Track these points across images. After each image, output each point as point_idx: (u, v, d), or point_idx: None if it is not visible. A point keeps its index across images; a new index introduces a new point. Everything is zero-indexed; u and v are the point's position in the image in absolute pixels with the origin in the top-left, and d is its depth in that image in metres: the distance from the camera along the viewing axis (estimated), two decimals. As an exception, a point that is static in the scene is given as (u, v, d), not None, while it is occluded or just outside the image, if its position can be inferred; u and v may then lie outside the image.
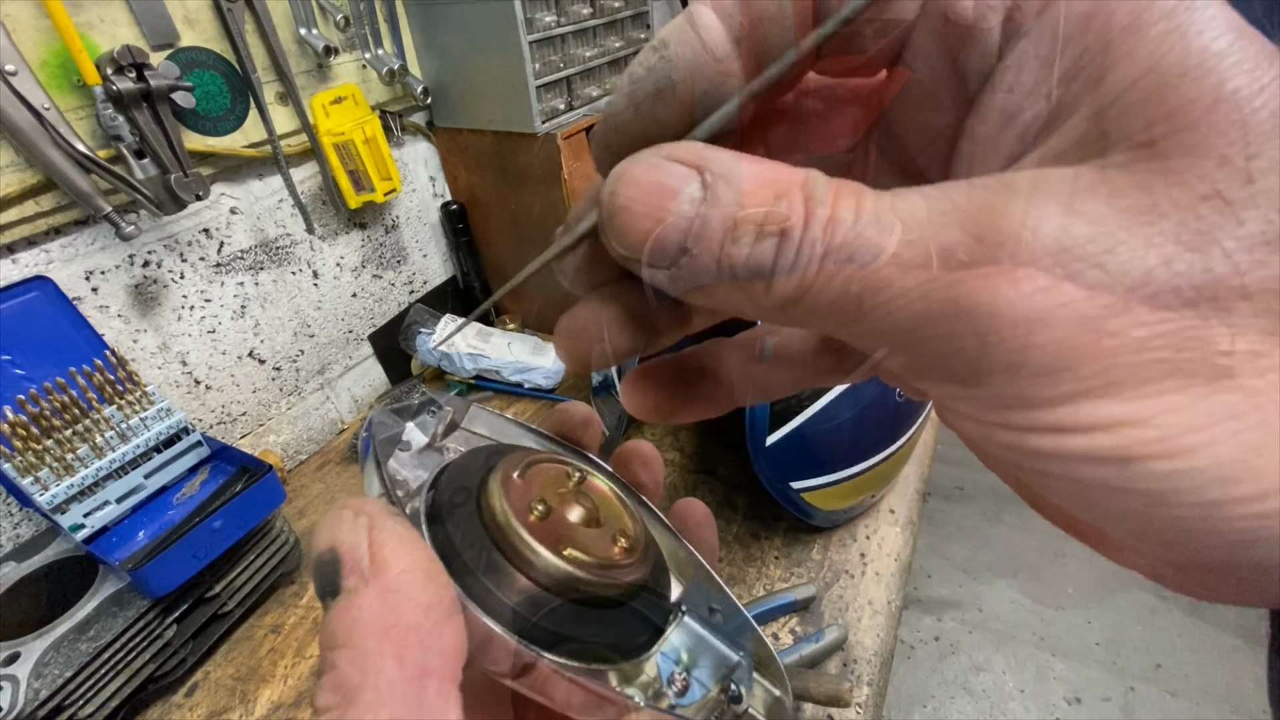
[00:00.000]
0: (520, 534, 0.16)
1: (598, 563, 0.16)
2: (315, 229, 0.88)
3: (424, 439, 0.20)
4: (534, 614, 0.15)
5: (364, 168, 0.85)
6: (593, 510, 0.18)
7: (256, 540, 0.68)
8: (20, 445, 0.56)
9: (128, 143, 0.63)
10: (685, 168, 0.12)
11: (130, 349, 0.73)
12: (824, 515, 0.69)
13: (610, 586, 0.16)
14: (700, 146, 0.12)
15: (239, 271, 0.81)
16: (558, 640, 0.15)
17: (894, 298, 0.11)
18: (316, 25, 0.79)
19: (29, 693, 0.51)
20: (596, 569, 0.16)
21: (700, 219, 0.12)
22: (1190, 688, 1.39)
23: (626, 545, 0.17)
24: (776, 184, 0.12)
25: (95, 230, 0.67)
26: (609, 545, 0.17)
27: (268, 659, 0.65)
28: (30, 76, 0.57)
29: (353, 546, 0.12)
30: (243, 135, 0.76)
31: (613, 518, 0.18)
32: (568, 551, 0.16)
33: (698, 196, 0.12)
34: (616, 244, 0.13)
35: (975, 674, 1.46)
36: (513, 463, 0.18)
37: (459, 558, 0.16)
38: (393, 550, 0.12)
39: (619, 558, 0.17)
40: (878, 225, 0.11)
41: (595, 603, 0.16)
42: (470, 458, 0.19)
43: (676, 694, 0.16)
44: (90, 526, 0.60)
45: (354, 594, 0.11)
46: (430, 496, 0.18)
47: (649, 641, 0.17)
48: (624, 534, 0.18)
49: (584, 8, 0.94)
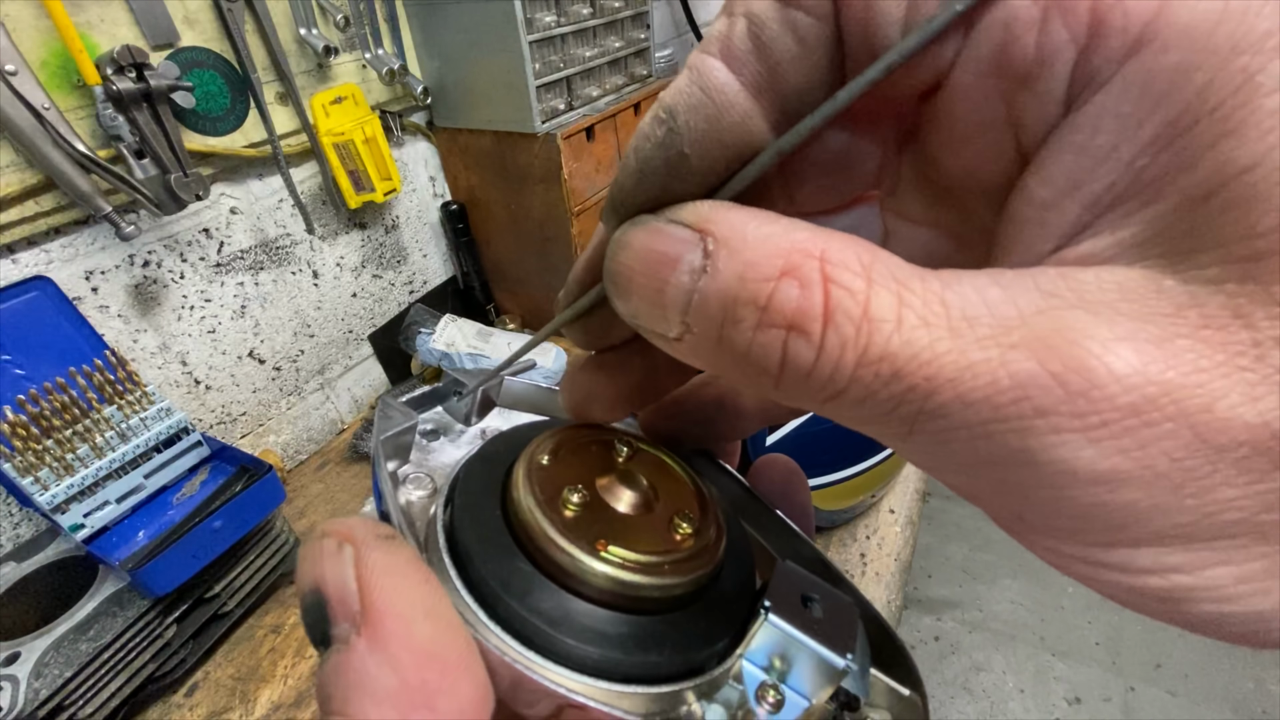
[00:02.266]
0: (549, 535, 0.13)
1: (648, 561, 0.13)
2: (315, 229, 0.88)
3: (458, 424, 0.18)
4: (576, 635, 0.12)
5: (364, 168, 0.85)
6: (645, 491, 0.15)
7: (256, 540, 0.68)
8: (20, 445, 0.56)
9: (128, 143, 0.63)
10: (688, 231, 0.11)
11: (130, 349, 0.73)
12: (824, 515, 0.69)
13: (669, 587, 0.13)
14: (709, 206, 0.11)
15: (239, 271, 0.81)
16: (608, 665, 0.12)
17: (951, 429, 0.09)
18: (316, 25, 0.79)
19: (29, 693, 0.51)
20: (647, 569, 0.13)
21: (700, 294, 0.11)
22: (1190, 688, 1.39)
23: (689, 530, 0.14)
24: (789, 255, 0.10)
25: (95, 230, 0.67)
26: (666, 533, 0.14)
27: (268, 659, 0.65)
28: (30, 76, 0.57)
29: (339, 585, 0.10)
30: (243, 135, 0.76)
31: (672, 496, 0.15)
32: (610, 551, 0.13)
33: (698, 266, 0.11)
34: (619, 309, 0.12)
35: (975, 674, 1.46)
36: (542, 444, 0.15)
37: (482, 574, 0.13)
38: (385, 588, 0.10)
39: (680, 547, 0.14)
40: (929, 334, 0.09)
41: (653, 608, 0.13)
42: (498, 442, 0.16)
43: (770, 712, 0.13)
44: (90, 526, 0.60)
45: (346, 648, 0.09)
46: (451, 496, 0.15)
47: (728, 649, 0.14)
48: (686, 516, 0.15)
49: (584, 8, 0.94)
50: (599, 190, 1.02)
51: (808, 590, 0.14)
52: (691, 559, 0.14)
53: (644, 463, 0.16)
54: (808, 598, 0.14)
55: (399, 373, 1.07)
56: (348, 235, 0.93)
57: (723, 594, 0.14)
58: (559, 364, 0.96)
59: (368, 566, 0.10)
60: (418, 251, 1.06)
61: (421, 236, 1.06)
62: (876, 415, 0.10)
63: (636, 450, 0.16)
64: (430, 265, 1.09)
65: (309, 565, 0.10)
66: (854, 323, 0.09)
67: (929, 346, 0.09)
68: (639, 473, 0.15)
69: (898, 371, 0.09)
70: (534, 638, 0.12)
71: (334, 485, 0.88)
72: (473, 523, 0.14)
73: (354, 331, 0.99)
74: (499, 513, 0.14)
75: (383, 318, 1.03)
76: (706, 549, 0.14)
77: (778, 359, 0.10)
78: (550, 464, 0.15)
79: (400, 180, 0.91)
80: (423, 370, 1.06)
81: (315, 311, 0.92)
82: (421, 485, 0.16)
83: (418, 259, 1.06)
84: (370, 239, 0.97)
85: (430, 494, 0.16)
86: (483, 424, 0.19)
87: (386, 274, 1.01)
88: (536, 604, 0.13)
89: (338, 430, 1.00)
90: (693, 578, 0.14)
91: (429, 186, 1.04)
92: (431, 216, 1.06)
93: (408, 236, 1.03)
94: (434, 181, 1.05)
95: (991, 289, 0.09)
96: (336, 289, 0.94)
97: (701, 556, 0.14)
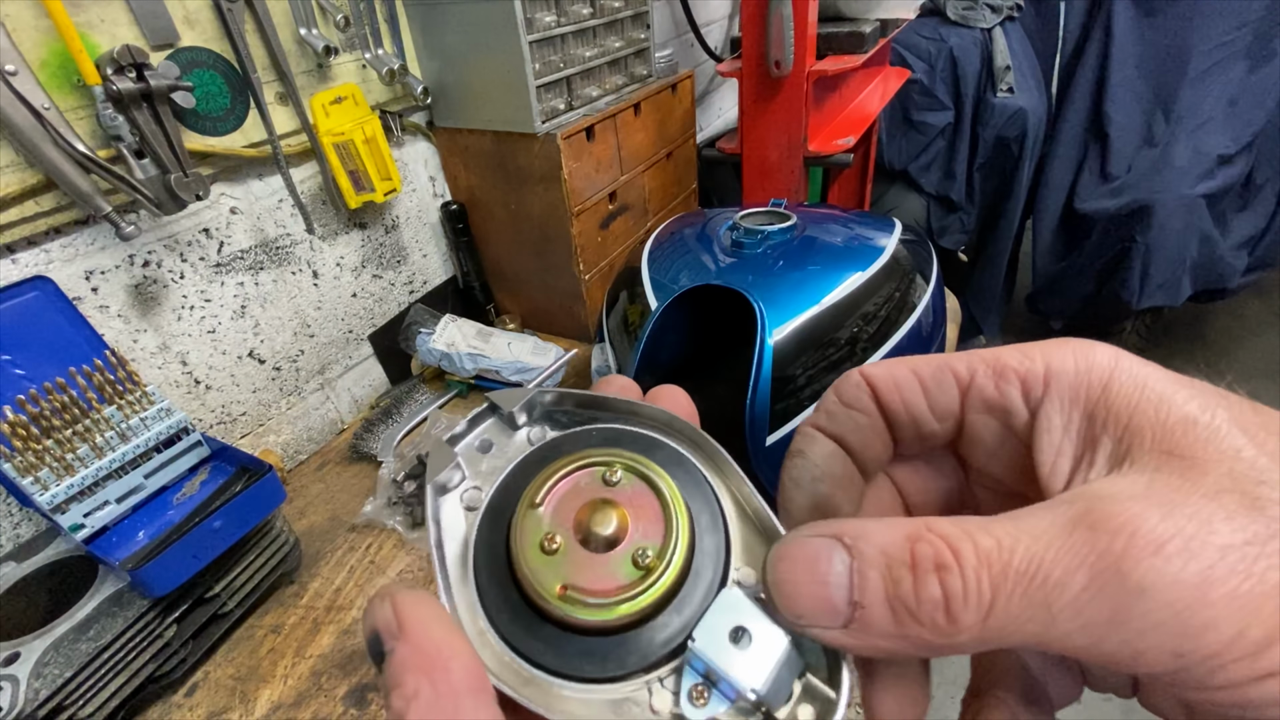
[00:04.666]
0: (529, 580, 0.17)
1: (600, 603, 0.17)
2: (315, 229, 0.88)
3: (505, 436, 0.21)
4: (545, 645, 0.17)
5: (364, 168, 0.85)
6: (618, 527, 0.18)
7: (256, 540, 0.68)
8: (20, 445, 0.56)
9: (128, 143, 0.63)
10: (828, 539, 0.15)
11: (130, 349, 0.73)
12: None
13: (618, 618, 0.17)
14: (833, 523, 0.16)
15: (239, 271, 0.81)
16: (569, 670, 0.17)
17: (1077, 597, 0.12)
18: (316, 25, 0.79)
19: (29, 693, 0.51)
20: (598, 608, 0.17)
21: (858, 573, 0.14)
22: (1190, 688, 1.39)
23: (648, 564, 0.17)
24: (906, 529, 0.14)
25: (95, 230, 0.67)
26: (626, 569, 0.17)
27: (268, 659, 0.65)
28: (30, 76, 0.57)
29: (386, 622, 0.15)
30: (243, 135, 0.76)
31: (643, 526, 0.18)
32: (568, 594, 0.17)
33: (847, 559, 0.15)
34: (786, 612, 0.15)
35: (975, 674, 1.46)
36: (538, 485, 0.19)
37: (486, 600, 0.18)
38: (409, 612, 0.15)
39: (635, 585, 0.17)
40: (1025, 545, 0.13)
41: (606, 631, 0.17)
42: (517, 474, 0.20)
43: (699, 707, 0.16)
44: (90, 526, 0.60)
45: (393, 653, 0.15)
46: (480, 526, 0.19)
47: (671, 656, 0.17)
48: (646, 549, 0.17)
49: (584, 8, 0.94)
50: (599, 190, 1.02)
51: (742, 621, 0.16)
52: (644, 591, 0.17)
53: (629, 491, 0.19)
54: (739, 631, 0.16)
55: (399, 373, 1.07)
56: (348, 235, 0.93)
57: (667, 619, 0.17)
58: (558, 364, 0.96)
59: (399, 603, 0.15)
60: (418, 251, 1.06)
61: (421, 236, 1.06)
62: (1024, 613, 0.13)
63: (623, 476, 0.19)
64: (430, 265, 1.09)
65: (367, 619, 0.16)
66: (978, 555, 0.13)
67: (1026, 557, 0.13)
68: (620, 504, 0.18)
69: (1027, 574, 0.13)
70: (518, 646, 0.17)
71: (334, 485, 0.88)
72: (486, 560, 0.19)
73: (354, 331, 0.99)
74: (504, 551, 0.18)
75: (383, 318, 1.03)
76: (660, 577, 0.17)
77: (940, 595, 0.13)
78: (543, 502, 0.19)
79: (400, 180, 0.91)
80: (423, 370, 1.06)
81: (315, 311, 0.92)
82: (474, 503, 0.20)
83: (418, 259, 1.06)
84: (370, 239, 0.97)
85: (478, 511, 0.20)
86: (527, 430, 0.22)
87: (386, 274, 1.01)
88: (519, 624, 0.18)
89: (338, 430, 1.00)
90: (640, 609, 0.17)
91: (429, 186, 1.04)
92: (431, 216, 1.06)
93: (408, 236, 1.03)
94: (434, 181, 1.05)
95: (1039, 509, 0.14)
96: (336, 289, 0.94)
97: (655, 585, 0.17)
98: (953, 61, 1.79)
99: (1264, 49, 1.70)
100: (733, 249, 0.73)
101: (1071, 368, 0.16)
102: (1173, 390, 0.15)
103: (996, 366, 0.17)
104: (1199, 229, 1.69)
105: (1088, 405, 0.16)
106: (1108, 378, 0.15)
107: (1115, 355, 0.16)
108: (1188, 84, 1.74)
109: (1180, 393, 0.14)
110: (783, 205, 0.80)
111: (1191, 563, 0.12)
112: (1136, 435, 0.14)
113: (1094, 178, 1.86)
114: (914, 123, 1.88)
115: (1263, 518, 0.12)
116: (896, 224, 0.77)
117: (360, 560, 0.75)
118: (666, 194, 1.23)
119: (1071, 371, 0.16)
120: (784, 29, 0.95)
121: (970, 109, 1.83)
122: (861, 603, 0.14)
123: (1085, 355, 0.16)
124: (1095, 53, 1.84)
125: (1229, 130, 1.71)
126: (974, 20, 1.82)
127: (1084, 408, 0.16)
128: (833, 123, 1.21)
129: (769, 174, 1.14)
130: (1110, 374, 0.15)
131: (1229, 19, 1.70)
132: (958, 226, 1.98)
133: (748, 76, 1.06)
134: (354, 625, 0.68)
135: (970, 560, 0.13)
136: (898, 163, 1.93)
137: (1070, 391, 0.16)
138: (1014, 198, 1.89)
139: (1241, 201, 1.78)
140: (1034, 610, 0.13)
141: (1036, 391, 0.16)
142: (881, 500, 0.21)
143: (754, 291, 0.64)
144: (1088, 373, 0.16)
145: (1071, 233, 1.93)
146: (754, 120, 1.10)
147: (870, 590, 0.14)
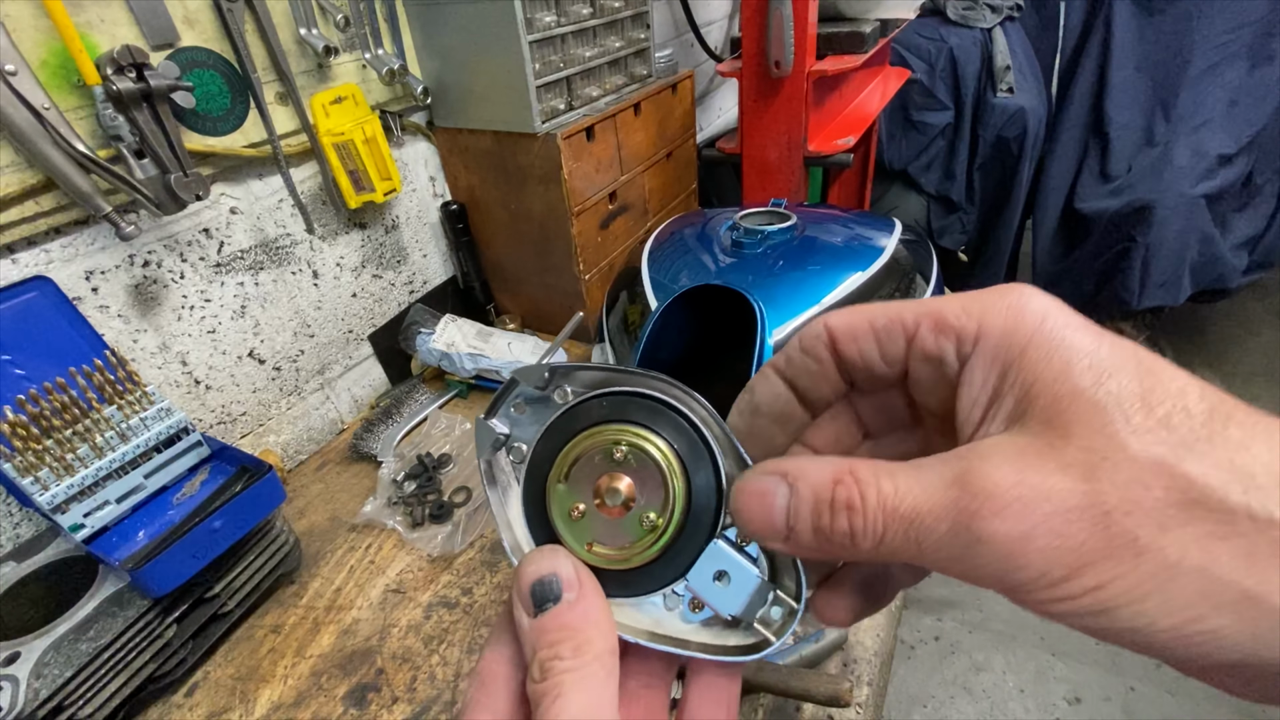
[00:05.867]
0: (563, 537, 0.23)
1: (618, 554, 0.22)
2: (315, 229, 0.88)
3: (534, 392, 0.24)
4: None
5: (364, 168, 0.85)
6: (627, 496, 0.22)
7: (256, 540, 0.68)
8: (20, 445, 0.56)
9: (128, 143, 0.63)
10: (775, 476, 0.19)
11: (130, 349, 0.73)
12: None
13: (633, 566, 0.22)
14: (781, 461, 0.20)
15: (239, 271, 0.81)
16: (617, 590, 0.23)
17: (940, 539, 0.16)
18: (316, 25, 0.79)
19: (29, 693, 0.51)
20: (617, 559, 0.22)
21: (794, 509, 0.19)
22: (1190, 688, 1.39)
23: (653, 523, 0.22)
24: (835, 474, 0.18)
25: (95, 230, 0.67)
26: (637, 528, 0.22)
27: (268, 659, 0.65)
28: (30, 76, 0.57)
29: (568, 572, 0.21)
30: (243, 135, 0.76)
31: (647, 492, 0.22)
32: (595, 549, 0.22)
33: (788, 494, 0.19)
34: (743, 530, 0.21)
35: (975, 674, 1.46)
36: (561, 465, 0.23)
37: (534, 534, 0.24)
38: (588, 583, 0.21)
39: (644, 540, 0.22)
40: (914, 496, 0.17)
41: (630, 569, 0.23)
42: (545, 441, 0.24)
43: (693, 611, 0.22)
44: (90, 526, 0.61)
45: (567, 605, 0.20)
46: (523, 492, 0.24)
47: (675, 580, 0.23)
48: (651, 511, 0.22)
49: (584, 8, 0.94)
50: (599, 190, 1.02)
51: (723, 566, 0.22)
52: (651, 545, 0.22)
53: (635, 463, 0.23)
54: (720, 573, 0.22)
55: (399, 373, 1.07)
56: (348, 235, 0.93)
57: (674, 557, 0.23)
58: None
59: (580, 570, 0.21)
60: (418, 251, 1.06)
61: (421, 236, 1.06)
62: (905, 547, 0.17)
63: (629, 452, 0.23)
64: (430, 265, 1.09)
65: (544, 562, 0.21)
66: (879, 499, 0.17)
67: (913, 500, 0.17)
68: (628, 476, 0.23)
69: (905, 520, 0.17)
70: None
71: (334, 485, 0.88)
72: (537, 522, 0.24)
73: (354, 331, 0.99)
74: (545, 518, 0.23)
75: (383, 318, 1.03)
76: (664, 531, 0.22)
77: (847, 527, 0.18)
78: (566, 477, 0.23)
79: (400, 180, 0.91)
80: (423, 370, 1.06)
81: (315, 311, 0.92)
82: (518, 455, 0.24)
83: (417, 259, 1.06)
84: (370, 239, 0.97)
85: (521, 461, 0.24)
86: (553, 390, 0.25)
87: (386, 274, 1.01)
88: None
89: (338, 430, 1.00)
90: (652, 555, 0.22)
91: (429, 186, 1.04)
92: (431, 216, 1.06)
93: (408, 236, 1.03)
94: (434, 181, 1.05)
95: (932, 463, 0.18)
96: (336, 289, 0.94)
97: (661, 537, 0.22)
98: (953, 61, 1.79)
99: (1264, 49, 1.70)
100: (733, 249, 0.73)
101: (1000, 327, 0.18)
102: (1079, 358, 0.16)
103: (939, 320, 0.19)
104: (1199, 229, 1.69)
105: (1004, 365, 0.18)
106: (1027, 341, 0.17)
107: (1043, 315, 0.17)
108: (1188, 84, 1.74)
109: (1083, 360, 0.16)
110: (783, 205, 0.80)
111: (1020, 524, 0.15)
112: (1032, 401, 0.17)
113: (1094, 178, 1.86)
114: (914, 123, 1.88)
115: (1091, 491, 0.15)
116: (896, 224, 0.77)
117: (360, 560, 0.76)
118: (666, 194, 1.23)
119: (999, 331, 0.18)
120: (784, 29, 0.95)
121: (970, 109, 1.83)
122: (795, 528, 0.19)
123: (1016, 314, 0.18)
124: (1095, 53, 1.84)
125: (1229, 130, 1.72)
126: (974, 20, 1.82)
127: (1000, 368, 0.18)
128: (833, 123, 1.21)
129: (769, 174, 1.14)
130: (1031, 337, 0.17)
131: (1229, 19, 1.70)
132: (958, 226, 1.99)
133: (748, 76, 1.06)
134: (354, 625, 0.68)
135: (872, 503, 0.17)
136: (898, 163, 1.93)
137: (993, 351, 0.18)
138: (1014, 198, 1.89)
139: (1241, 201, 1.78)
140: (909, 545, 0.17)
141: (967, 348, 0.19)
142: (838, 425, 0.24)
143: (754, 291, 0.64)
144: (1013, 333, 0.18)
145: (1071, 233, 1.93)
146: (754, 120, 1.10)
147: (801, 520, 0.19)
